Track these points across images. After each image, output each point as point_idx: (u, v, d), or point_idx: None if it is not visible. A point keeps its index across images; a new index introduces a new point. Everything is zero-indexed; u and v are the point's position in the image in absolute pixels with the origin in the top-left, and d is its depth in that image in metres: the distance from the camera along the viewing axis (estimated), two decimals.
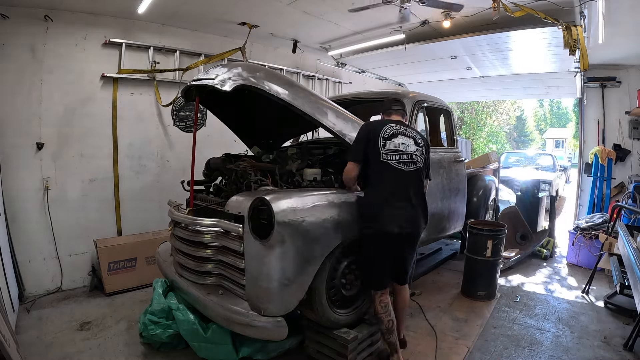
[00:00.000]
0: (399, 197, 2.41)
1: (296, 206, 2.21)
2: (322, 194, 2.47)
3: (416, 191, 2.48)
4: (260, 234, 2.14)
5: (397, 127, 2.54)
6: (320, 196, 2.42)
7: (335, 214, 2.40)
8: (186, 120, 4.64)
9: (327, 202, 2.41)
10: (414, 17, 4.33)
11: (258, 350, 2.52)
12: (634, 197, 5.05)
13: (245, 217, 2.20)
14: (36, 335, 2.94)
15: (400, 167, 2.45)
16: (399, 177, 2.44)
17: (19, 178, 3.54)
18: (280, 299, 2.19)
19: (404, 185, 2.44)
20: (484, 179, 5.01)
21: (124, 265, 3.87)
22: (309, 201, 2.31)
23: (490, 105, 19.18)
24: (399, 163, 2.45)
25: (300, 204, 2.25)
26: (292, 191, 2.43)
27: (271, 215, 2.10)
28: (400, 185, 2.43)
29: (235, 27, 4.59)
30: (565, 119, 32.70)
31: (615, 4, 3.60)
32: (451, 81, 7.64)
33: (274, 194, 2.23)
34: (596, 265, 3.99)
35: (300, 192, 2.42)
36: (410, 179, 2.47)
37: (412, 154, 2.49)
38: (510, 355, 2.77)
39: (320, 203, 2.36)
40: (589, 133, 6.38)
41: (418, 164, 2.52)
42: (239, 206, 2.30)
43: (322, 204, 2.36)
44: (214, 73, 2.45)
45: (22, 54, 3.51)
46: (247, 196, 2.33)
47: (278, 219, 2.10)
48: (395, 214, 2.38)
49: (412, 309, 3.46)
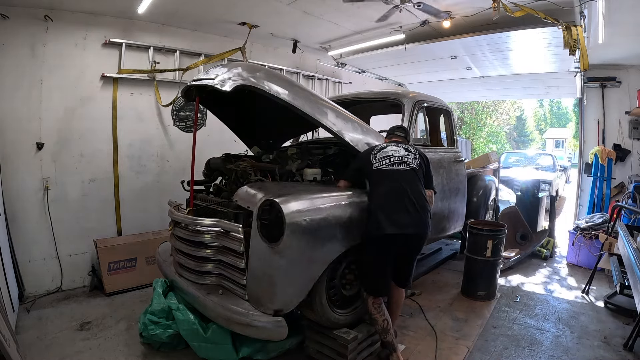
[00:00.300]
0: (396, 197, 2.42)
1: (307, 209, 2.20)
2: (333, 196, 2.45)
3: (413, 190, 2.46)
4: (269, 238, 2.13)
5: (388, 144, 2.73)
6: (331, 198, 2.40)
7: (347, 217, 2.40)
8: (186, 120, 4.63)
9: (339, 204, 2.40)
10: (414, 17, 4.33)
11: (258, 350, 2.52)
12: (634, 197, 5.05)
13: (254, 216, 2.18)
14: (36, 335, 2.94)
15: (392, 168, 2.52)
16: (393, 176, 2.48)
17: (19, 178, 3.54)
18: (283, 299, 2.19)
19: (398, 184, 2.45)
20: (484, 179, 5.01)
21: (124, 265, 3.87)
22: (320, 203, 2.29)
23: (490, 105, 19.16)
24: (390, 165, 2.52)
25: (311, 206, 2.23)
26: (303, 191, 2.38)
27: (282, 220, 2.08)
28: (395, 185, 2.45)
29: (235, 27, 4.59)
30: (565, 119, 32.69)
31: (615, 4, 3.60)
32: (451, 81, 7.64)
33: (284, 196, 2.18)
34: (596, 265, 3.99)
35: (311, 192, 2.38)
36: (404, 178, 2.49)
37: (402, 157, 2.58)
38: (510, 355, 2.77)
39: (332, 205, 2.35)
40: (589, 133, 6.38)
41: (411, 165, 2.56)
42: (249, 200, 2.28)
43: (333, 207, 2.35)
44: (214, 73, 2.45)
45: (22, 54, 3.51)
46: (258, 190, 2.31)
47: (289, 222, 2.08)
48: (394, 214, 2.37)
49: (412, 309, 3.46)
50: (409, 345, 2.83)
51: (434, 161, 3.64)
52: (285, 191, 2.29)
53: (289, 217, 2.09)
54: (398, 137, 2.85)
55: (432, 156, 3.66)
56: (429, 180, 2.69)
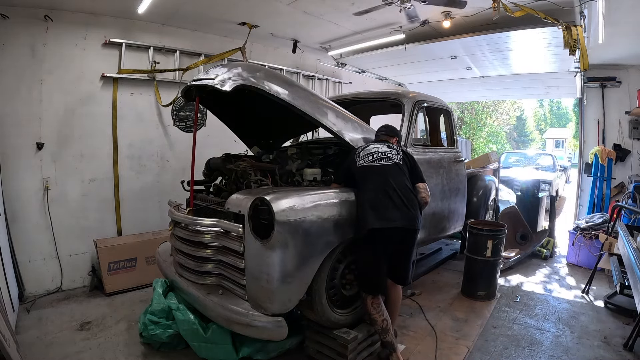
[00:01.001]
0: (382, 191, 2.44)
1: (296, 205, 2.21)
2: (322, 193, 2.47)
3: (398, 183, 2.48)
4: (261, 234, 2.14)
5: (371, 142, 2.81)
6: (320, 195, 2.41)
7: (336, 212, 2.40)
8: (186, 120, 4.64)
9: (327, 201, 2.41)
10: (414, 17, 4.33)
11: (258, 350, 2.52)
12: (634, 197, 5.05)
13: (246, 217, 2.20)
14: (36, 335, 2.94)
15: (376, 164, 2.57)
16: (377, 171, 2.53)
17: (19, 178, 3.54)
18: (281, 298, 2.19)
19: (383, 178, 2.50)
20: (484, 179, 5.01)
21: (124, 265, 3.87)
22: (309, 200, 2.30)
23: (490, 105, 19.17)
24: (373, 161, 2.59)
25: (300, 203, 2.24)
26: (292, 190, 2.43)
27: (271, 215, 2.10)
28: (380, 179, 2.49)
29: (235, 27, 4.59)
30: (565, 119, 32.69)
31: (615, 4, 3.60)
32: (451, 81, 7.64)
33: (274, 194, 2.22)
34: (596, 265, 3.99)
35: (300, 191, 2.41)
36: (388, 172, 2.53)
37: (385, 152, 2.63)
38: (510, 355, 2.77)
39: (321, 202, 2.36)
40: (589, 133, 6.39)
41: (394, 160, 2.60)
42: (239, 204, 2.30)
43: (322, 203, 2.36)
44: (214, 73, 2.45)
45: (22, 54, 3.51)
46: (247, 195, 2.33)
47: (278, 219, 2.10)
48: (381, 208, 2.39)
49: (412, 309, 3.46)
50: (409, 345, 2.83)
51: (434, 161, 3.65)
52: (274, 191, 2.32)
53: (278, 212, 2.10)
54: (383, 137, 2.89)
55: (432, 156, 3.67)
56: (416, 174, 2.68)
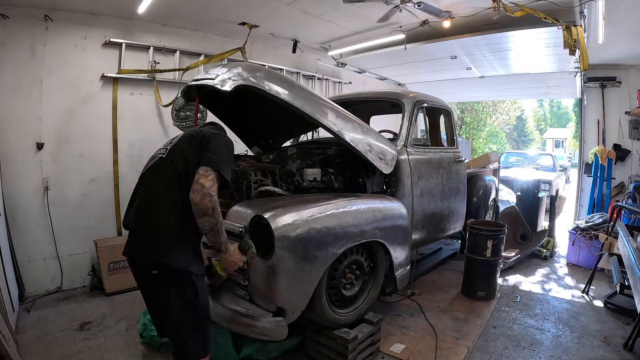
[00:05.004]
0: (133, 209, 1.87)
1: (296, 221, 2.18)
2: (323, 205, 2.41)
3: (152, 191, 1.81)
4: (262, 252, 2.12)
5: None
6: (320, 207, 2.37)
7: (336, 223, 2.38)
8: (186, 120, 4.63)
9: (328, 212, 2.38)
10: (414, 17, 4.33)
11: (258, 350, 2.52)
12: (634, 197, 5.05)
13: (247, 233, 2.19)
14: (36, 335, 2.94)
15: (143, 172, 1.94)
16: None
17: (19, 178, 3.54)
18: (285, 310, 2.20)
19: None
20: (484, 179, 5.01)
21: (124, 265, 3.85)
22: (309, 213, 2.26)
23: (490, 105, 19.15)
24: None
25: (300, 217, 2.20)
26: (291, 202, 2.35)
27: (271, 235, 2.08)
28: None
29: (235, 27, 4.59)
30: (565, 119, 32.69)
31: (615, 4, 3.60)
32: (451, 81, 7.64)
33: (273, 210, 2.17)
34: (596, 265, 3.99)
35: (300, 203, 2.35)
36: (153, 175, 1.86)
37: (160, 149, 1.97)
38: (510, 355, 2.77)
39: (321, 215, 2.32)
40: (589, 133, 6.39)
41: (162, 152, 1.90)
42: (239, 218, 2.28)
43: (323, 216, 2.33)
44: (214, 73, 2.44)
45: (22, 54, 3.51)
46: (247, 207, 2.31)
47: (278, 236, 2.08)
48: None
49: (412, 309, 3.46)
50: (409, 345, 2.83)
51: (434, 161, 3.65)
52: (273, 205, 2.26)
53: (277, 231, 2.08)
54: None
55: (432, 156, 3.67)
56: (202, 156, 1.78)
